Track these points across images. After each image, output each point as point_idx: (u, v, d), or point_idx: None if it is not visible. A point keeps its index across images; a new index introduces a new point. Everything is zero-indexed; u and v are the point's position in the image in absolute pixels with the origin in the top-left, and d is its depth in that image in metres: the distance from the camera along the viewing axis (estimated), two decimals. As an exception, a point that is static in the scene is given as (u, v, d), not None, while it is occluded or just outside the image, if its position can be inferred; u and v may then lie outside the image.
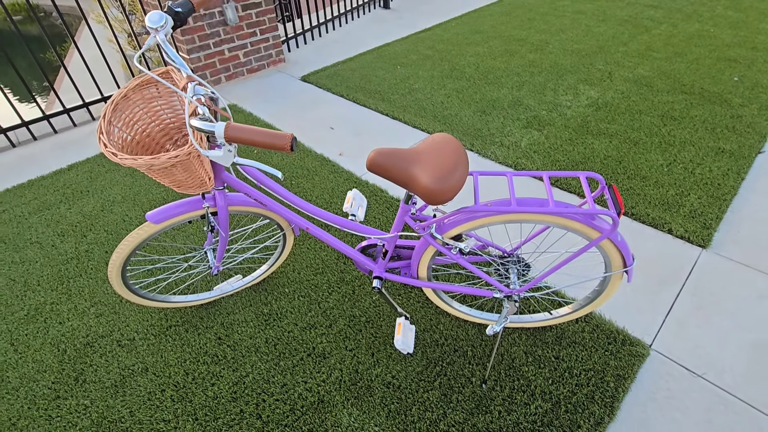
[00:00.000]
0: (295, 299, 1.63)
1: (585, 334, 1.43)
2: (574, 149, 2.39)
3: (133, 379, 1.40)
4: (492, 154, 2.41)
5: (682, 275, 1.64)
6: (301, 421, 1.25)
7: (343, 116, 2.93)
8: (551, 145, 2.44)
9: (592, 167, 2.23)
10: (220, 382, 1.37)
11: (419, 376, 1.35)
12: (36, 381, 1.40)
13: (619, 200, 0.99)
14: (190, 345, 1.49)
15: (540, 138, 2.51)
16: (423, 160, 1.00)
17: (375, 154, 1.02)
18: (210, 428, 1.25)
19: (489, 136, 2.56)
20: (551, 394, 1.28)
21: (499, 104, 2.90)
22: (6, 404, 1.34)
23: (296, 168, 2.41)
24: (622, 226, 1.87)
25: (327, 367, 1.39)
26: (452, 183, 0.97)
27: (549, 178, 1.06)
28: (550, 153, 2.37)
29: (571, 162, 2.28)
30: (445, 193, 0.96)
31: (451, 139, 1.06)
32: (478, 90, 3.11)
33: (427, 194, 0.97)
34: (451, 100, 2.99)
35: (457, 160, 1.00)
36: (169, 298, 1.50)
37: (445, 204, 1.07)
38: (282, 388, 1.34)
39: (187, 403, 1.32)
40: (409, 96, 3.10)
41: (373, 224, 1.96)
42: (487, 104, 2.91)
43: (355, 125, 2.81)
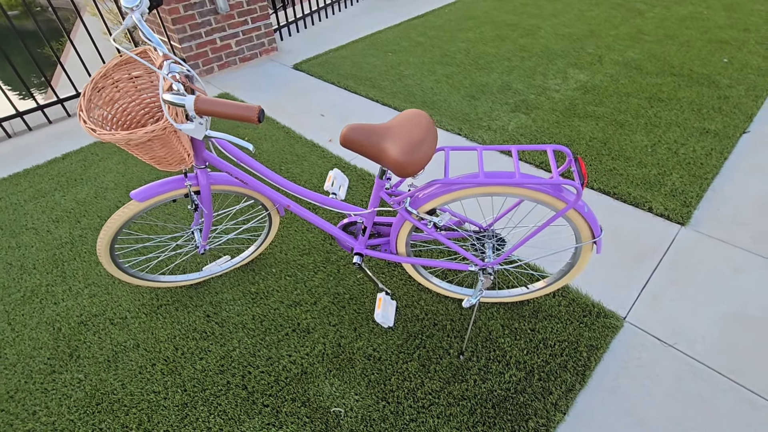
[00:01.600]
0: (282, 278, 1.68)
1: (561, 308, 1.48)
2: (560, 132, 2.41)
3: (125, 354, 1.45)
4: (479, 137, 2.43)
5: (659, 251, 1.68)
6: (285, 390, 1.31)
7: (334, 103, 2.95)
8: (538, 128, 2.46)
9: (577, 149, 2.26)
10: (208, 356, 1.42)
11: (399, 348, 1.40)
12: (32, 357, 1.46)
13: (583, 172, 1.02)
14: (180, 322, 1.54)
15: (527, 121, 2.53)
16: (393, 134, 1.04)
17: (348, 129, 1.06)
18: (198, 398, 1.31)
19: (477, 120, 2.59)
20: (525, 364, 1.33)
21: (488, 89, 2.92)
22: (4, 378, 1.40)
23: (286, 154, 2.44)
24: (602, 204, 1.90)
25: (311, 341, 1.44)
26: (420, 155, 1.00)
27: (518, 152, 1.10)
28: (537, 136, 2.39)
29: (557, 144, 2.31)
30: (413, 164, 1.00)
31: (421, 114, 1.09)
32: (467, 75, 3.12)
33: (396, 166, 1.01)
34: (441, 86, 3.01)
35: (425, 134, 1.03)
36: (158, 278, 1.55)
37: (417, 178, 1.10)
38: (267, 361, 1.39)
39: (177, 376, 1.37)
40: (399, 82, 3.11)
41: (359, 205, 2.00)
42: (477, 89, 2.93)
43: (345, 112, 2.84)
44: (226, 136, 0.97)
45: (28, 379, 1.40)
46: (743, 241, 1.69)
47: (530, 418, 1.20)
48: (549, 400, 1.23)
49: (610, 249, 1.70)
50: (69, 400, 1.33)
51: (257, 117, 0.82)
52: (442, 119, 2.62)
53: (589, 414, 1.21)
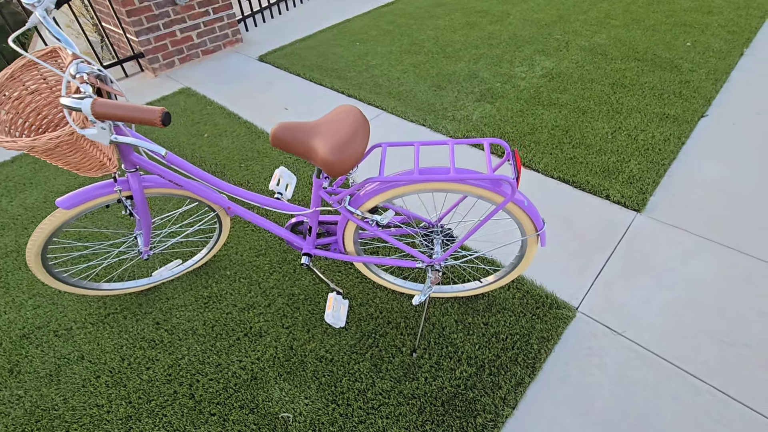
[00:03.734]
0: (236, 281, 1.64)
1: (515, 300, 1.47)
2: (523, 120, 2.40)
3: (68, 367, 1.40)
4: (443, 128, 2.40)
5: (614, 239, 1.68)
6: (233, 398, 1.28)
7: (299, 96, 2.88)
8: (502, 117, 2.44)
9: (538, 138, 2.24)
10: (156, 366, 1.38)
11: (352, 348, 1.38)
12: (-31, 375, 1.40)
13: (518, 166, 1.00)
14: (128, 331, 1.49)
15: (492, 111, 2.51)
16: (321, 131, 1.00)
17: (276, 128, 1.01)
18: (143, 410, 1.27)
19: (442, 111, 2.55)
20: (477, 359, 1.32)
21: (455, 78, 2.88)
22: (-62, 399, 1.34)
23: (246, 150, 2.38)
24: (562, 193, 1.90)
25: (262, 345, 1.41)
26: (349, 153, 0.96)
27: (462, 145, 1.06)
28: (500, 125, 2.37)
29: (519, 133, 2.29)
30: (342, 163, 0.96)
31: (353, 110, 1.05)
32: (435, 64, 3.07)
33: (325, 165, 0.97)
34: (408, 76, 2.96)
35: (354, 131, 0.99)
36: (101, 286, 1.49)
37: (352, 174, 1.06)
38: (216, 368, 1.36)
39: (122, 388, 1.33)
40: (365, 73, 3.05)
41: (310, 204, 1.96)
42: (443, 78, 2.88)
43: (309, 105, 2.77)
44: (135, 141, 0.91)
45: (-35, 398, 1.34)
46: (696, 226, 1.71)
47: (479, 414, 1.20)
48: (498, 395, 1.23)
49: (567, 239, 1.70)
50: (7, 418, 1.28)
51: (160, 120, 0.77)
52: (408, 110, 2.58)
53: (538, 406, 1.22)
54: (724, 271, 1.53)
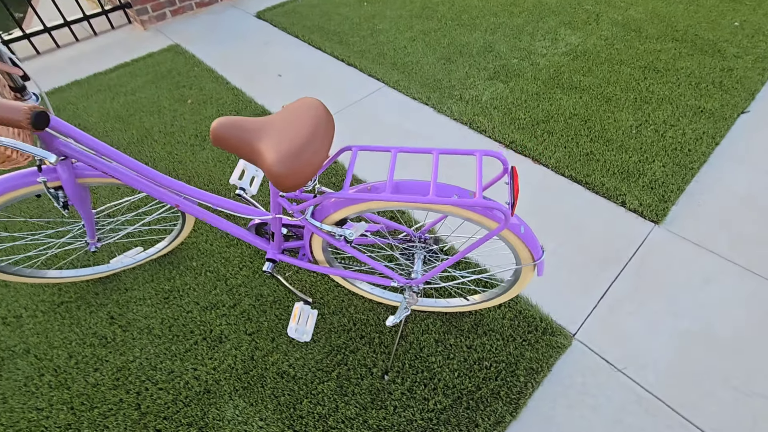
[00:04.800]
0: (202, 274, 1.49)
1: (505, 321, 1.31)
2: (538, 106, 2.13)
3: (12, 361, 1.29)
4: (448, 109, 2.16)
5: (626, 254, 1.49)
6: (182, 413, 1.16)
7: (295, 61, 2.61)
8: (515, 99, 2.18)
9: (553, 127, 2.00)
10: (104, 368, 1.27)
11: (318, 365, 1.24)
12: None
13: (515, 187, 0.80)
14: (80, 324, 1.37)
15: (504, 91, 2.24)
16: (271, 133, 0.80)
17: (216, 124, 0.82)
18: (84, 418, 1.16)
19: (449, 88, 2.29)
20: (455, 389, 1.18)
21: (468, 50, 2.58)
22: None
23: (229, 122, 2.16)
24: (571, 194, 1.69)
25: (221, 352, 1.28)
26: (302, 164, 0.77)
27: (439, 156, 0.86)
28: (512, 110, 2.12)
29: (532, 120, 2.04)
30: (294, 176, 0.77)
31: (315, 107, 0.84)
32: (447, 33, 2.75)
33: (272, 178, 0.78)
34: (416, 45, 2.66)
35: (312, 135, 0.79)
36: (47, 273, 1.36)
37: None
38: (169, 375, 1.24)
39: (65, 390, 1.22)
40: (370, 38, 2.75)
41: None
42: (455, 50, 2.59)
43: (305, 72, 2.51)
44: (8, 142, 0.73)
45: None
46: (720, 245, 1.51)
47: (450, 455, 1.07)
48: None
49: (572, 250, 1.51)
50: (-59, 415, 1.19)
51: (29, 122, 0.58)
52: (411, 85, 2.32)
53: (517, 449, 1.09)
54: (748, 302, 1.35)
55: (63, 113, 2.29)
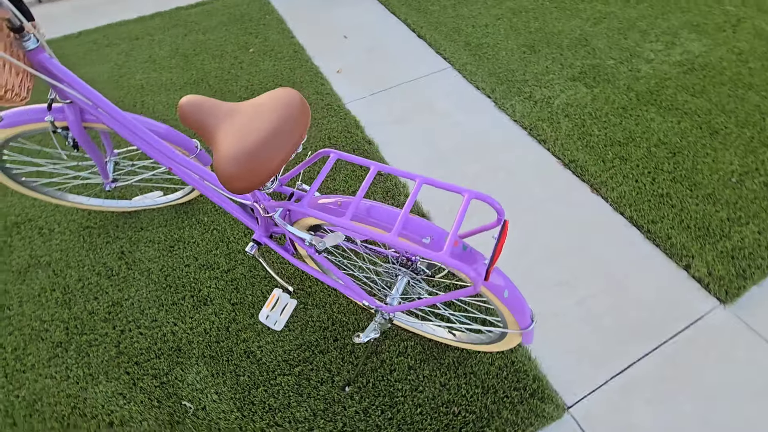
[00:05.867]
0: (209, 231, 1.51)
1: (491, 368, 1.16)
2: (620, 123, 1.79)
3: (35, 270, 1.43)
4: (510, 107, 1.90)
5: (668, 330, 1.23)
6: (151, 363, 1.21)
7: (364, 24, 2.46)
8: (594, 110, 1.85)
9: (629, 153, 1.67)
10: (102, 298, 1.35)
11: (284, 355, 1.21)
12: (-38, 248, 1.50)
13: (498, 246, 0.64)
14: (95, 251, 1.47)
15: (585, 98, 1.91)
16: (232, 123, 0.71)
17: (184, 101, 0.75)
18: (73, 342, 1.26)
19: (520, 83, 2.01)
20: (412, 426, 1.09)
21: (557, 40, 2.22)
22: (-67, 262, 1.46)
23: (282, 79, 2.12)
24: (626, 239, 1.41)
25: (202, 314, 1.30)
26: (255, 165, 0.66)
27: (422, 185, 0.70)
28: (585, 122, 1.81)
29: (607, 140, 1.73)
30: (237, 178, 0.66)
31: (287, 103, 0.72)
32: (540, 16, 2.39)
33: (219, 176, 0.69)
34: (500, 25, 2.35)
35: (274, 132, 0.68)
36: (66, 196, 1.44)
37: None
38: (151, 323, 1.29)
39: (66, 310, 1.33)
40: (451, 10, 2.49)
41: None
42: (542, 38, 2.25)
43: (372, 38, 2.36)
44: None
45: (-49, 269, 1.44)
46: (803, 353, 1.18)
47: (383, 493, 1.00)
48: (415, 481, 1.01)
49: (602, 307, 1.28)
50: (-28, 302, 1.36)
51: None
52: (479, 72, 2.07)
53: None
54: (814, 436, 1.05)
55: (139, 42, 2.40)
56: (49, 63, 0.85)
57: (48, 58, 0.85)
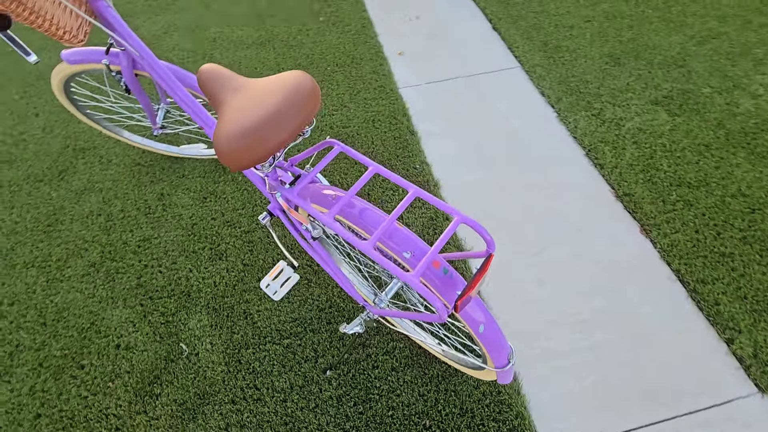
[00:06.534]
0: (240, 190, 1.58)
1: (475, 392, 1.12)
2: (697, 162, 1.58)
3: (89, 194, 1.59)
4: (573, 122, 1.74)
5: (686, 404, 1.10)
6: (162, 301, 1.31)
7: (439, 6, 2.36)
8: (670, 142, 1.64)
9: (697, 198, 1.47)
10: (135, 232, 1.47)
11: (278, 325, 1.25)
12: (37, 162, 1.70)
13: (476, 278, 0.59)
14: (140, 188, 1.60)
15: (663, 126, 1.70)
16: (237, 98, 0.70)
17: (204, 68, 0.76)
18: (105, 265, 1.40)
19: (592, 96, 1.83)
20: (380, 426, 1.08)
21: (649, 56, 1.98)
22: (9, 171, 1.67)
23: (342, 54, 2.11)
24: (664, 292, 1.27)
25: (215, 267, 1.38)
26: (249, 145, 0.65)
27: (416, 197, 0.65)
28: (656, 153, 1.61)
29: (675, 179, 1.53)
30: (231, 154, 0.66)
31: (299, 85, 0.70)
32: (637, 25, 2.14)
33: (215, 150, 0.70)
34: (586, 28, 2.14)
35: (275, 115, 0.66)
36: (122, 133, 1.57)
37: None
38: (171, 264, 1.39)
39: (105, 236, 1.47)
40: (536, 4, 2.30)
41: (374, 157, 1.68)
42: (632, 50, 2.01)
43: (444, 22, 2.26)
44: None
45: (21, 182, 1.64)
46: None
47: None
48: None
49: (618, 359, 1.17)
50: (35, 211, 1.55)
51: None
52: (547, 78, 1.91)
53: None
54: None
55: (214, 4, 2.49)
56: (105, 11, 0.90)
57: (105, 7, 0.90)
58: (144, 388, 1.15)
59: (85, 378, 1.18)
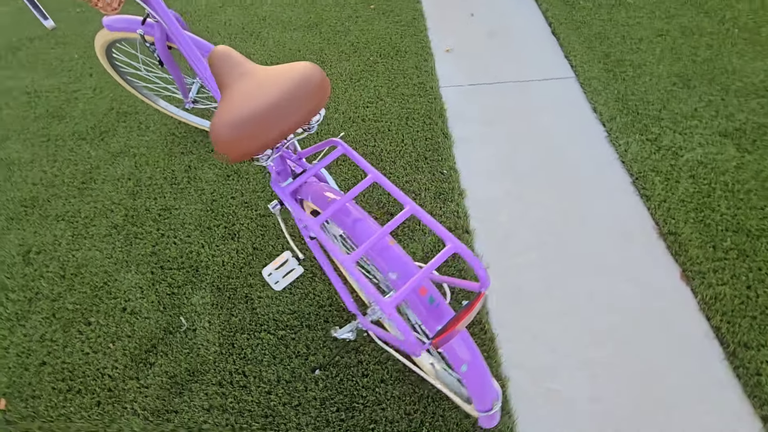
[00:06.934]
0: (262, 173, 1.57)
1: (465, 421, 1.05)
2: (764, 208, 1.39)
3: (122, 157, 1.65)
4: (624, 144, 1.59)
5: (698, 481, 0.98)
6: (172, 273, 1.33)
7: (496, 6, 2.23)
8: (734, 180, 1.46)
9: (753, 249, 1.29)
10: (159, 201, 1.51)
11: (276, 315, 1.24)
12: (83, 121, 1.78)
13: (461, 314, 0.53)
14: (170, 158, 1.64)
15: (728, 162, 1.51)
16: (241, 85, 0.67)
17: (217, 49, 0.73)
18: (126, 229, 1.44)
19: (651, 119, 1.66)
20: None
21: (725, 81, 1.77)
22: (58, 126, 1.77)
23: (386, 45, 2.04)
24: (696, 350, 1.13)
25: (226, 247, 1.38)
26: (246, 135, 0.62)
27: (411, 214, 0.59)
28: (713, 191, 1.43)
29: (732, 223, 1.36)
30: (224, 144, 0.62)
31: (304, 79, 0.65)
32: (718, 43, 1.91)
33: (211, 137, 0.67)
34: (658, 43, 1.94)
35: (275, 106, 0.62)
36: (158, 101, 1.60)
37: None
38: (186, 237, 1.41)
39: (131, 200, 1.52)
40: (604, 11, 2.12)
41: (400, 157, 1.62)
42: (706, 72, 1.80)
43: (500, 21, 2.13)
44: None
45: (66, 138, 1.73)
46: None
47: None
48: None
49: (629, 411, 1.06)
50: (74, 167, 1.62)
51: None
52: (603, 93, 1.76)
53: None
54: None
55: (278, -25, 2.49)
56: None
57: None
58: (140, 355, 1.18)
59: (90, 335, 1.22)
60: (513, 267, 1.32)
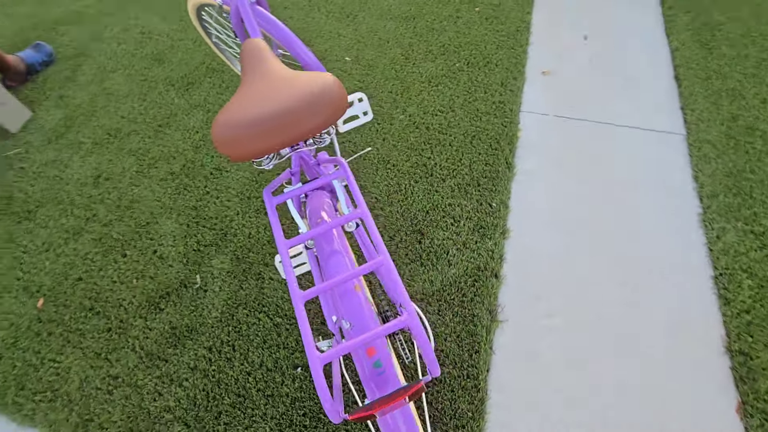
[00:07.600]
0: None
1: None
2: None
3: (198, 111, 1.76)
4: (715, 230, 1.33)
5: None
6: (204, 231, 1.41)
7: (621, 31, 1.97)
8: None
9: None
10: (216, 159, 1.59)
11: (279, 301, 1.25)
12: (177, 69, 1.93)
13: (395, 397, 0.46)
14: (236, 121, 1.71)
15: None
16: (253, 83, 0.64)
17: (250, 40, 0.71)
18: (180, 177, 1.55)
19: (761, 205, 1.36)
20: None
21: None
22: (157, 69, 1.93)
23: (477, 53, 1.91)
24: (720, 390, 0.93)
25: (256, 221, 1.42)
26: (247, 137, 0.58)
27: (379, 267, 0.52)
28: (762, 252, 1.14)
29: None
30: (223, 144, 0.60)
31: (320, 92, 0.60)
32: None
33: (212, 133, 0.65)
34: (809, 116, 1.57)
35: (284, 113, 0.58)
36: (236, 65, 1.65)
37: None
38: (227, 201, 1.48)
39: (192, 152, 1.62)
40: (751, 63, 1.77)
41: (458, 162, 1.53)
42: None
43: (616, 52, 1.89)
44: None
45: (159, 81, 1.89)
46: None
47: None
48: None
49: None
50: (157, 109, 1.77)
51: None
52: (715, 161, 1.48)
53: None
54: None
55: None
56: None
57: None
58: (155, 298, 1.27)
59: (122, 266, 1.35)
60: (535, 328, 1.18)
